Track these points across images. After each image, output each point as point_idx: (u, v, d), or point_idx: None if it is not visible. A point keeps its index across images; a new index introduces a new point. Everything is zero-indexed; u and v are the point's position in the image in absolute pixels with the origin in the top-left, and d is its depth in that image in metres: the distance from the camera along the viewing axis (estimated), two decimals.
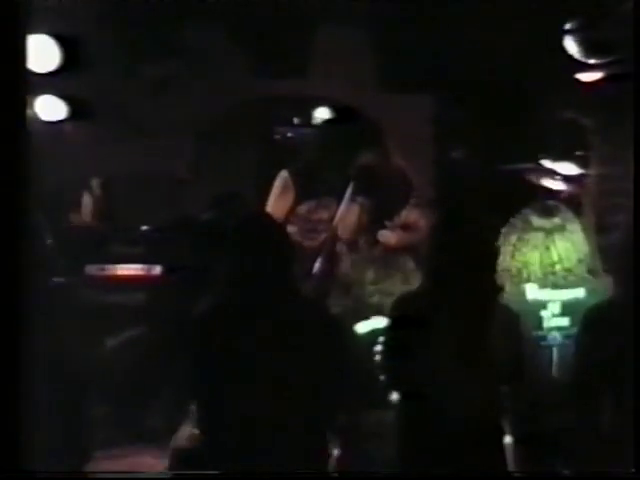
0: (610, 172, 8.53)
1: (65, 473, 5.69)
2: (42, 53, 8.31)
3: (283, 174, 8.57)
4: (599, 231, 8.11)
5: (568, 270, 7.31)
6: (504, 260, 6.59)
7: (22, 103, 5.02)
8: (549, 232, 7.38)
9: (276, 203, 8.49)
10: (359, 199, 8.36)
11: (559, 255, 7.37)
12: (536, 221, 7.43)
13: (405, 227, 8.31)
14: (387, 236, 8.40)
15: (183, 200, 10.11)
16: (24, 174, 4.95)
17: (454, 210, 6.22)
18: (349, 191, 8.28)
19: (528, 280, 7.20)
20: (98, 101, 8.83)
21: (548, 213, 7.52)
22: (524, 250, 7.32)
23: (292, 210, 8.49)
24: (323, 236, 8.43)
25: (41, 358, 5.39)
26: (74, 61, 8.33)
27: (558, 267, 7.31)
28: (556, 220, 7.46)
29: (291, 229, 8.16)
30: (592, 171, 8.83)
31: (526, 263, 7.29)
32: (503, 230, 7.08)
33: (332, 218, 8.42)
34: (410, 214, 8.40)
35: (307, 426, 5.52)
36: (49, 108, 8.68)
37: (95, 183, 9.74)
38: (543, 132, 9.10)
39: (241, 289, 5.61)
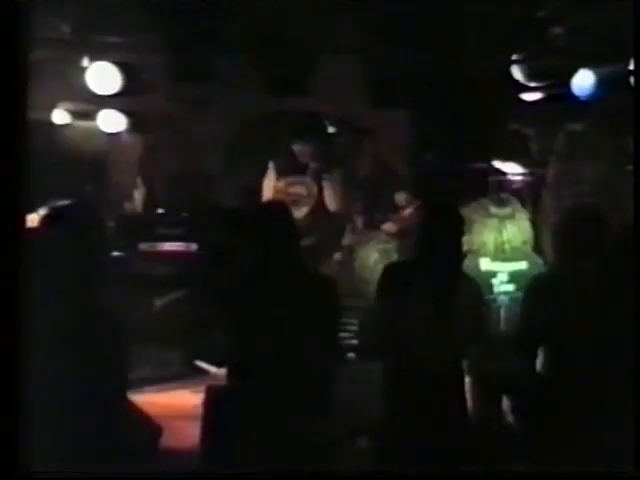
0: (546, 171, 8.62)
1: (65, 473, 4.77)
2: (105, 77, 8.50)
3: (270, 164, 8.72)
4: (540, 218, 8.22)
5: (515, 248, 7.47)
6: (467, 239, 6.46)
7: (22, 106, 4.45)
8: (502, 218, 7.42)
9: (265, 185, 8.69)
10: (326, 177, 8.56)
11: (508, 236, 7.46)
12: (492, 209, 7.51)
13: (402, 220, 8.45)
14: (389, 226, 8.64)
15: (214, 192, 10.19)
16: (23, 172, 4.46)
17: (430, 200, 6.33)
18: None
19: (483, 255, 7.38)
20: (149, 115, 8.95)
21: (501, 203, 7.57)
22: (482, 231, 7.47)
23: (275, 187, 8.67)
24: (304, 209, 8.56)
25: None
26: (131, 83, 8.49)
27: (507, 246, 7.44)
28: (507, 209, 7.51)
29: None
30: (532, 170, 8.94)
31: (483, 242, 7.44)
32: (466, 215, 6.66)
33: (311, 194, 8.57)
34: (405, 212, 8.54)
35: (310, 371, 5.48)
36: (110, 122, 8.85)
37: (144, 180, 9.86)
38: (495, 139, 9.24)
39: (262, 261, 5.54)
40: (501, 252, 7.48)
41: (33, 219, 6.57)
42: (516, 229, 7.49)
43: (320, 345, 5.49)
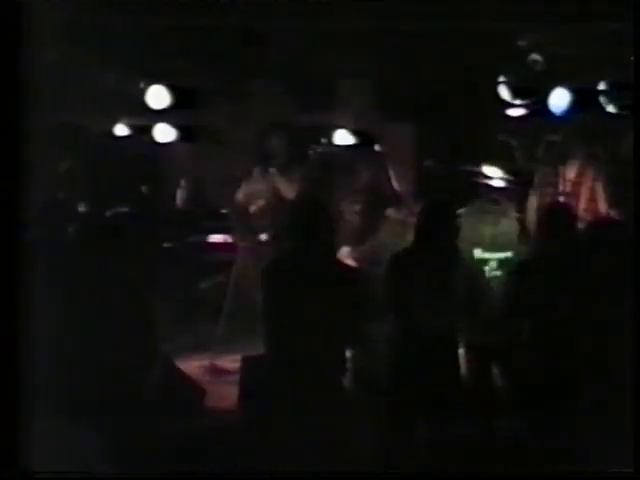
0: (529, 175, 8.62)
1: (65, 473, 4.44)
2: (158, 95, 8.49)
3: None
4: (524, 215, 8.11)
5: (507, 240, 7.48)
6: (464, 233, 6.44)
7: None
8: (496, 215, 7.56)
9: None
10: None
11: (500, 230, 7.55)
12: (487, 208, 7.62)
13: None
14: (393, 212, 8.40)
15: None
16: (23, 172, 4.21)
17: (431, 200, 6.30)
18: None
19: (478, 246, 7.42)
20: (195, 128, 8.93)
21: (494, 203, 7.71)
22: (478, 226, 7.49)
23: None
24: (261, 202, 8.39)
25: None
26: (181, 101, 8.50)
27: (500, 238, 7.50)
28: (500, 208, 7.65)
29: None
30: (517, 175, 8.91)
31: (479, 235, 7.48)
32: (463, 214, 7.21)
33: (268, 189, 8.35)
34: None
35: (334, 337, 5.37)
36: (163, 134, 8.81)
37: (192, 182, 9.77)
38: (485, 149, 9.12)
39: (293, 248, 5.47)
40: (493, 243, 7.47)
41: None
42: (506, 224, 7.58)
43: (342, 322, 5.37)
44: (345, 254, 7.73)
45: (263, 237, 8.30)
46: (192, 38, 8.44)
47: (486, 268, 7.48)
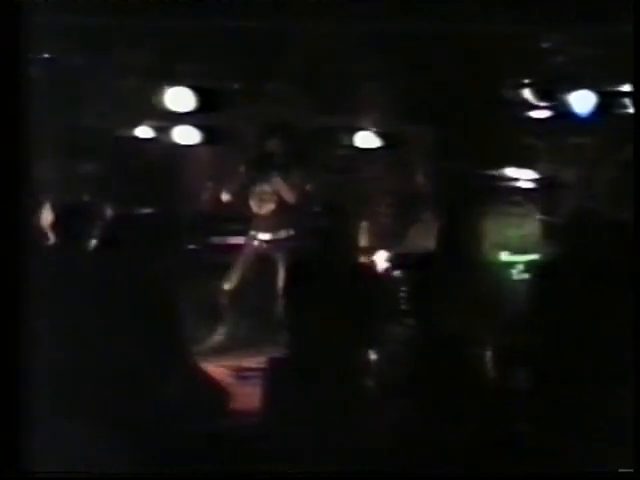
0: (554, 177, 8.58)
1: (65, 473, 4.33)
2: (181, 98, 8.50)
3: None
4: (549, 217, 8.12)
5: (533, 242, 7.43)
6: (489, 236, 6.55)
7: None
8: (521, 217, 7.51)
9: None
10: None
11: (527, 232, 7.50)
12: (511, 210, 7.57)
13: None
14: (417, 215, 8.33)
15: None
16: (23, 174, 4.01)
17: (456, 204, 6.32)
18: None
19: (504, 248, 7.36)
20: (220, 130, 8.93)
21: (519, 205, 7.66)
22: (504, 229, 7.45)
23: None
24: (270, 206, 8.34)
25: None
26: (202, 103, 8.51)
27: (526, 240, 7.45)
28: (524, 210, 7.59)
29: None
30: (541, 177, 8.88)
31: (506, 237, 7.44)
32: (488, 216, 7.04)
33: (275, 192, 8.30)
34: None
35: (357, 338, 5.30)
36: (186, 136, 8.80)
37: (213, 184, 9.58)
38: (509, 151, 9.17)
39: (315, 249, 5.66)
40: (519, 245, 7.42)
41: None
42: (532, 227, 7.54)
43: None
44: (373, 256, 7.67)
45: (282, 236, 8.28)
46: (213, 40, 8.48)
47: (512, 270, 7.39)
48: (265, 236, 8.34)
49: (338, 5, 7.73)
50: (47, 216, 7.47)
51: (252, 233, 8.47)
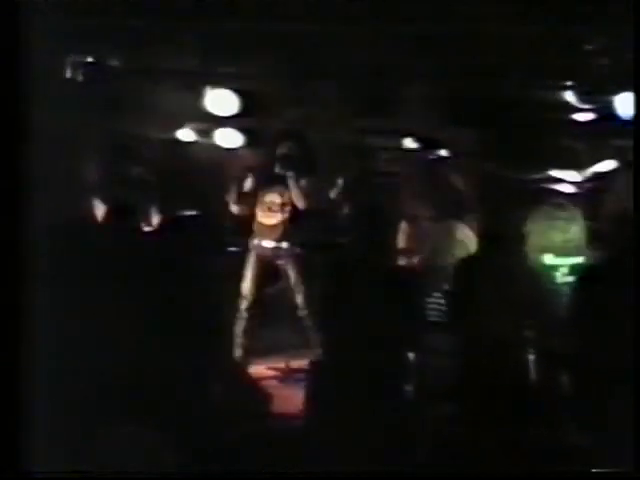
0: (598, 179, 8.54)
1: (65, 473, 4.34)
2: (224, 101, 8.53)
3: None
4: (593, 220, 8.07)
5: (577, 245, 7.39)
6: (533, 239, 6.52)
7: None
8: (566, 220, 7.46)
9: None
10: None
11: (572, 235, 7.45)
12: (555, 213, 7.51)
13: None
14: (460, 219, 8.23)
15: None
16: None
17: (499, 207, 6.31)
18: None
19: (548, 251, 7.32)
20: (260, 133, 8.94)
21: (562, 208, 7.59)
22: (548, 232, 7.40)
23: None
24: (278, 216, 8.14)
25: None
26: (244, 106, 8.53)
27: (571, 243, 7.41)
28: (568, 213, 7.54)
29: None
30: (583, 180, 8.85)
31: (550, 240, 7.39)
32: (532, 219, 7.12)
33: (285, 201, 8.09)
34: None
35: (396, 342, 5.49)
36: (229, 138, 8.82)
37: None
38: (553, 154, 9.08)
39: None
40: (564, 249, 7.40)
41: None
42: (577, 229, 7.49)
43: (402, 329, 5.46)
44: (417, 259, 7.66)
45: (285, 246, 8.19)
46: (256, 42, 8.51)
47: (557, 274, 7.38)
48: (269, 244, 8.17)
49: (382, 7, 7.73)
50: (99, 211, 7.52)
51: (256, 240, 8.30)
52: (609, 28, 7.96)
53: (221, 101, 8.48)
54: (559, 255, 7.44)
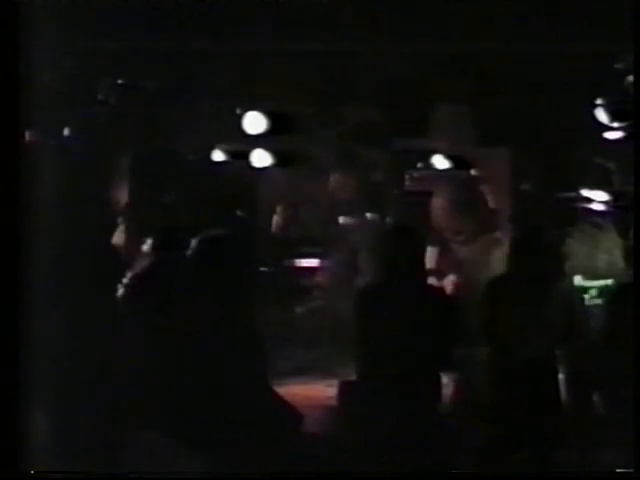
0: (629, 198, 8.48)
1: (65, 473, 4.30)
2: (255, 122, 8.59)
3: None
4: (624, 239, 8.05)
5: (610, 263, 7.35)
6: (566, 259, 6.48)
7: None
8: (596, 240, 7.43)
9: None
10: None
11: (602, 256, 7.41)
12: (586, 232, 7.49)
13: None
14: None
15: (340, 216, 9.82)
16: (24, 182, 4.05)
17: (531, 225, 6.28)
18: None
19: (577, 272, 7.28)
20: (291, 154, 8.99)
21: (597, 226, 7.59)
22: (578, 251, 7.38)
23: None
24: None
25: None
26: (277, 128, 8.59)
27: (602, 262, 7.37)
28: (600, 232, 7.52)
29: None
30: (615, 199, 8.81)
31: (579, 261, 7.34)
32: (561, 238, 7.10)
33: None
34: None
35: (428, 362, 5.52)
36: (260, 159, 8.87)
37: (286, 206, 9.70)
38: (583, 172, 9.05)
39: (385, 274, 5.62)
40: (593, 270, 7.36)
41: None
42: (607, 250, 7.45)
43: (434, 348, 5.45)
44: (447, 280, 7.69)
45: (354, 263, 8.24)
46: (287, 63, 8.56)
47: (586, 295, 7.33)
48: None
49: (415, 27, 7.76)
50: (120, 237, 7.60)
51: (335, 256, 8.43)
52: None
53: (255, 122, 8.52)
54: (586, 277, 7.43)
